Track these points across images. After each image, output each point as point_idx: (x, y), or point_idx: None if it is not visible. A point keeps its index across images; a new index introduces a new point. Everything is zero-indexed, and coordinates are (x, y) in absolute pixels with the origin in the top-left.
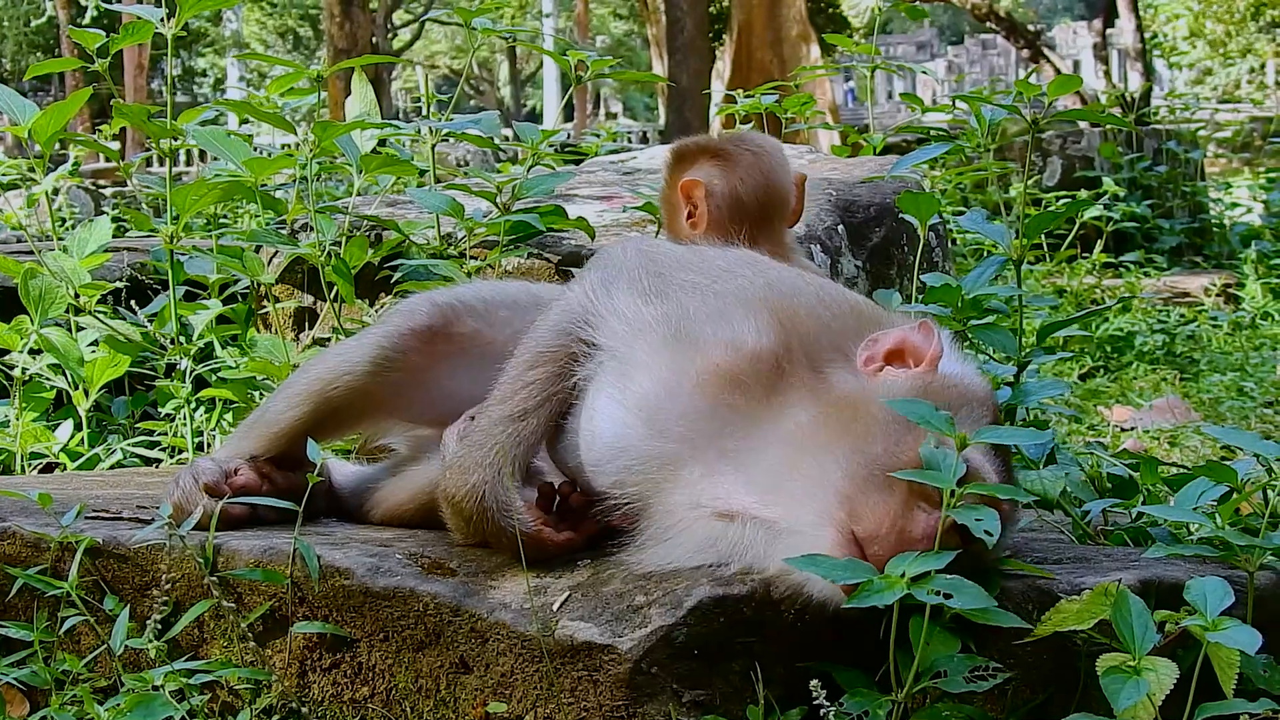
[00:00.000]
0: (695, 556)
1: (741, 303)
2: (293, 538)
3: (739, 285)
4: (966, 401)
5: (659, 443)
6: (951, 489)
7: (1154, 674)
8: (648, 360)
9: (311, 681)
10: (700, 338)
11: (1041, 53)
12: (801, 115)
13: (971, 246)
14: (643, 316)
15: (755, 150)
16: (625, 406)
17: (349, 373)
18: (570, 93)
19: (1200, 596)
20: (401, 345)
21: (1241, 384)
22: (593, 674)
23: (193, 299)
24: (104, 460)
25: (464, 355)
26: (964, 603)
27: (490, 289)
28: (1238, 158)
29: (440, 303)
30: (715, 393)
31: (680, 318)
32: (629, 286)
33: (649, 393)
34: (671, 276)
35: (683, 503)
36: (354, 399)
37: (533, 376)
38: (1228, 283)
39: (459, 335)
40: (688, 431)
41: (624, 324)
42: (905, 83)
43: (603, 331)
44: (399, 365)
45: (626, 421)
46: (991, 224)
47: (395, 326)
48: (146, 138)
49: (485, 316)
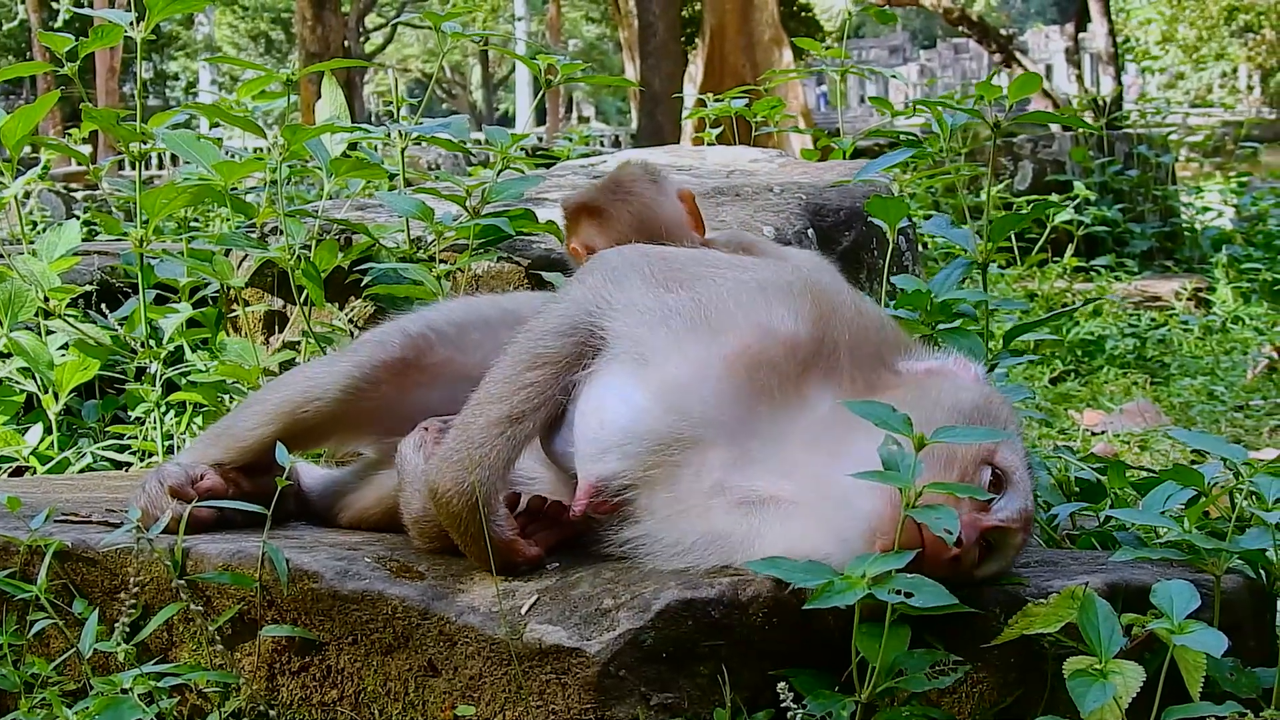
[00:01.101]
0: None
1: (778, 289)
2: (261, 541)
3: (769, 274)
4: (1015, 415)
5: (681, 426)
6: (910, 487)
7: (1120, 677)
8: (671, 345)
9: (280, 684)
10: (731, 321)
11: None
12: (771, 119)
13: (942, 250)
14: (664, 304)
15: (626, 195)
16: (644, 391)
17: (319, 398)
18: (541, 96)
19: (1167, 600)
20: (373, 377)
21: (1212, 388)
22: (561, 677)
23: (163, 303)
24: (74, 464)
25: (436, 382)
26: (924, 601)
27: (462, 310)
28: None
29: (413, 333)
30: (746, 376)
31: (707, 302)
32: (642, 280)
33: (673, 376)
34: (687, 269)
35: (698, 489)
36: (324, 421)
37: (531, 378)
38: (1198, 287)
39: (432, 365)
40: (715, 414)
41: (641, 313)
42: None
43: (615, 324)
44: (370, 395)
45: (645, 406)
46: (956, 228)
47: (367, 357)
48: (117, 141)
49: (457, 342)
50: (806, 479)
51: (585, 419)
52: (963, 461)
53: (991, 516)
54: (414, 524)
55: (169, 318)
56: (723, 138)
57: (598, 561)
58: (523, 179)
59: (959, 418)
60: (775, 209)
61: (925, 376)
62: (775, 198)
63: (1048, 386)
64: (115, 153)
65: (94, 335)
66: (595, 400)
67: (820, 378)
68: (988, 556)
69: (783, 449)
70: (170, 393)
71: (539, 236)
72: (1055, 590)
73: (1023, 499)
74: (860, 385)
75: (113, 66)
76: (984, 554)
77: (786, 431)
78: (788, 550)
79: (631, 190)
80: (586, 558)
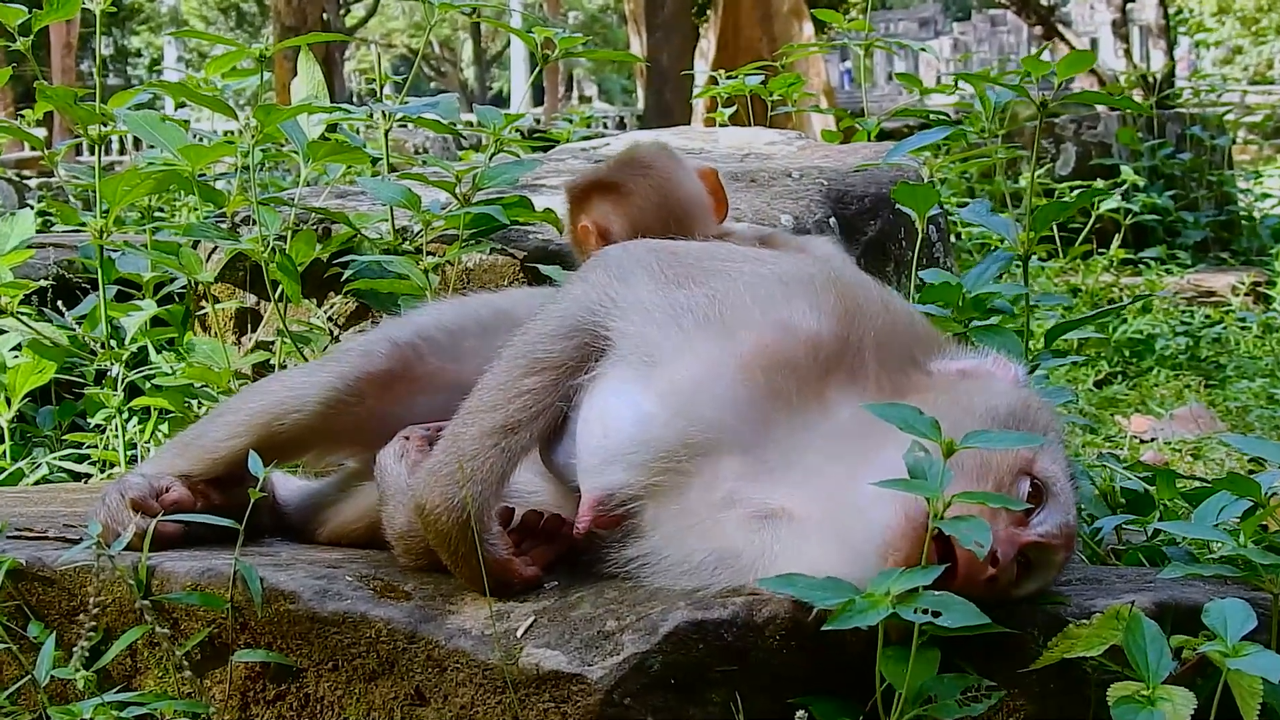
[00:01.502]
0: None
1: (800, 283)
2: (233, 558)
3: (790, 268)
4: (1057, 421)
5: (692, 432)
6: (938, 497)
7: (1170, 704)
8: (681, 346)
9: (254, 714)
10: (748, 318)
11: (1055, 29)
12: (790, 97)
13: (976, 241)
14: (674, 301)
15: (643, 171)
16: (652, 396)
17: (298, 410)
18: (538, 73)
19: (1220, 620)
20: (357, 389)
21: (1271, 391)
22: (560, 706)
23: (125, 299)
24: (28, 475)
25: (425, 393)
26: (954, 621)
27: (454, 314)
28: (1269, 144)
29: (401, 343)
30: (763, 378)
31: (722, 299)
32: (649, 277)
33: (683, 379)
34: (700, 263)
35: (709, 502)
36: (303, 434)
37: (529, 385)
38: (1257, 281)
39: (421, 376)
40: (728, 420)
41: (650, 312)
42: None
43: (621, 324)
44: (354, 408)
45: (652, 412)
46: (996, 216)
47: (351, 368)
48: (75, 123)
49: (450, 351)
50: (824, 490)
51: (588, 427)
52: (998, 471)
53: (1030, 531)
54: (399, 540)
55: (131, 316)
56: (736, 118)
57: (600, 579)
58: (518, 163)
59: (994, 423)
60: (794, 196)
61: (958, 378)
62: (794, 183)
63: (1092, 390)
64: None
65: (50, 335)
66: (599, 407)
67: (844, 381)
68: (1026, 575)
69: (801, 458)
70: (133, 397)
71: (536, 226)
72: (1099, 610)
73: (1064, 512)
74: (887, 388)
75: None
76: (1022, 572)
77: (805, 439)
78: (803, 568)
79: (650, 165)
80: (587, 576)
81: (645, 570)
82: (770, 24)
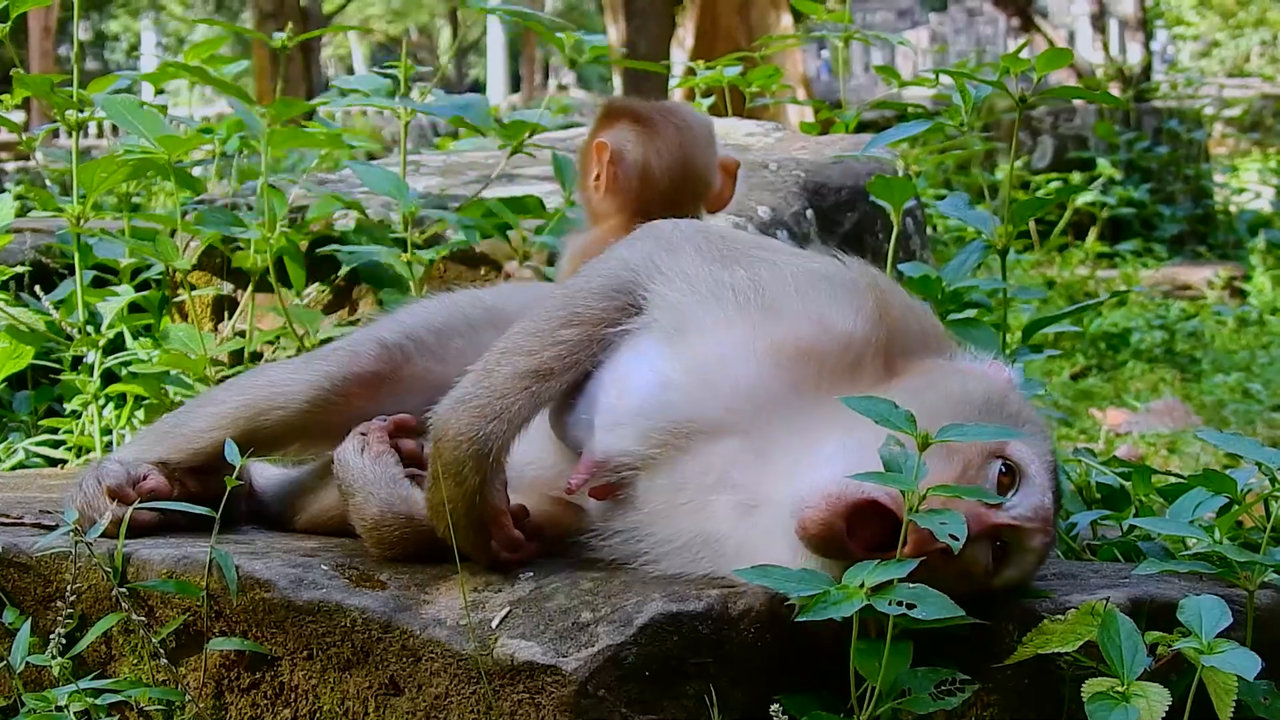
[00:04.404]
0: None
1: (844, 284)
2: (209, 546)
3: (834, 267)
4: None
5: (704, 405)
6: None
7: (1144, 700)
8: (713, 323)
9: (229, 703)
10: (789, 307)
11: (1033, 22)
12: (768, 88)
13: (953, 234)
14: (719, 278)
15: (679, 124)
16: (674, 364)
17: (283, 407)
18: None
19: (1195, 617)
20: (344, 390)
21: (1247, 385)
22: (535, 697)
23: (102, 285)
24: (4, 460)
25: (410, 393)
26: (929, 613)
27: (443, 314)
28: (1246, 138)
29: (390, 344)
30: (787, 366)
31: (762, 285)
32: (697, 252)
33: (709, 353)
34: (746, 251)
35: (702, 483)
36: (285, 430)
37: (565, 336)
38: (1233, 275)
39: (406, 377)
40: (741, 401)
41: (690, 285)
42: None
43: (662, 289)
44: (340, 407)
45: (671, 379)
46: (974, 210)
47: (339, 368)
48: (52, 108)
49: (437, 353)
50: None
51: (605, 389)
52: (966, 452)
53: (1002, 514)
54: (371, 531)
55: (108, 301)
56: (714, 109)
57: (575, 571)
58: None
59: (968, 407)
60: (771, 187)
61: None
62: (772, 175)
63: (1068, 383)
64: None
65: (26, 320)
66: (621, 369)
67: (857, 380)
68: (1004, 563)
69: (795, 449)
70: (109, 383)
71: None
72: (1074, 605)
73: (1040, 494)
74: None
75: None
76: (1000, 559)
77: (805, 431)
78: (779, 559)
79: (689, 124)
80: (563, 567)
81: (628, 548)
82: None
